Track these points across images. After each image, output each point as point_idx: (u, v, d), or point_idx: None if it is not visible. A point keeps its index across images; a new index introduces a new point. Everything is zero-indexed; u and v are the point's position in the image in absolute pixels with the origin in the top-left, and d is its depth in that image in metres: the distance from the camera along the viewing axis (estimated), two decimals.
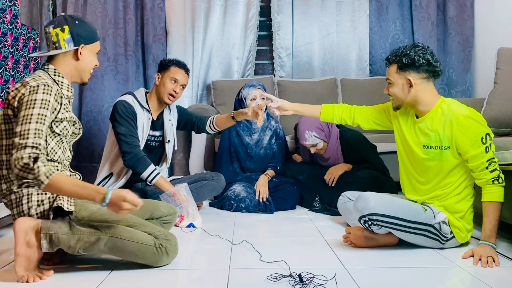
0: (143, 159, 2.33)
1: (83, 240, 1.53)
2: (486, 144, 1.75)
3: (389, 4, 3.85)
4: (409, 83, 1.82)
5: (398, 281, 1.53)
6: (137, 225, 1.65)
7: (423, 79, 1.82)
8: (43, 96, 1.53)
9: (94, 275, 1.57)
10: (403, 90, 1.84)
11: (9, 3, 2.99)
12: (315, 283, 1.46)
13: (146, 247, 1.58)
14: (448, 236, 1.85)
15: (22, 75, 3.17)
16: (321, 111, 2.17)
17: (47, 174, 1.44)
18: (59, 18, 1.69)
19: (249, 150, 2.95)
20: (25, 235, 1.50)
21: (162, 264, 1.64)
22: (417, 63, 1.79)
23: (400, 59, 1.81)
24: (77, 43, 1.68)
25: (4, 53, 2.93)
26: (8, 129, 1.60)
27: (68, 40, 1.67)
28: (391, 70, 1.87)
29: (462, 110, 1.81)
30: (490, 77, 2.94)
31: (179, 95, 2.51)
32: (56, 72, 1.68)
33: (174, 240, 1.67)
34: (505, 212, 1.95)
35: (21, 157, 1.43)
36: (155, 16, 3.76)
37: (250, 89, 2.89)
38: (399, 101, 1.89)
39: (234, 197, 2.72)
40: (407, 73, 1.82)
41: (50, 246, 1.51)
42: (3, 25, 2.92)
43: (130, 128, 2.35)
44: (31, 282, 1.49)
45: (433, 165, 1.86)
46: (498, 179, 1.75)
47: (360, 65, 3.91)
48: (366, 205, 1.81)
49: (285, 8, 3.90)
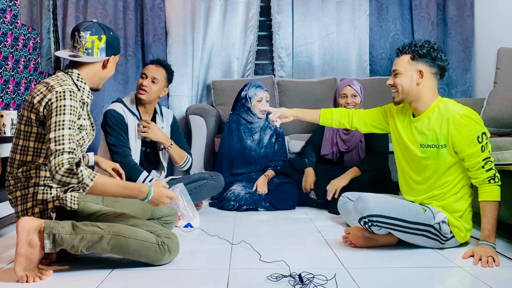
0: (135, 168, 2.37)
1: (86, 239, 1.53)
2: (482, 143, 1.75)
3: (389, 4, 3.85)
4: (421, 74, 1.83)
5: (398, 281, 1.53)
6: (139, 224, 1.67)
7: (432, 74, 1.85)
8: (71, 102, 1.56)
9: (94, 275, 1.57)
10: (411, 81, 1.84)
11: (9, 3, 2.99)
12: (315, 283, 1.46)
13: (148, 244, 1.59)
14: (448, 235, 1.85)
15: (22, 75, 3.17)
16: (320, 115, 2.21)
17: (91, 177, 1.50)
18: (94, 25, 1.72)
19: (252, 153, 2.95)
20: (27, 235, 1.50)
21: (164, 262, 1.65)
22: (432, 54, 1.82)
23: (415, 50, 1.83)
24: (108, 53, 1.72)
25: (4, 53, 2.93)
26: (27, 131, 1.61)
27: (101, 50, 1.71)
28: (402, 61, 1.87)
29: (458, 109, 1.81)
30: (490, 77, 2.94)
31: (151, 89, 2.43)
32: (80, 77, 1.70)
33: (176, 239, 1.68)
34: (505, 212, 1.95)
35: (61, 163, 1.47)
36: (155, 16, 3.76)
37: (257, 90, 2.89)
38: (403, 94, 1.87)
39: (234, 197, 2.72)
40: (420, 64, 1.83)
41: (53, 246, 1.51)
42: (3, 25, 2.92)
43: (120, 138, 2.37)
44: (30, 282, 1.49)
45: (430, 164, 1.86)
46: (494, 178, 1.75)
47: (360, 65, 3.91)
48: (366, 206, 1.81)
49: (285, 8, 3.90)
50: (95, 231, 1.55)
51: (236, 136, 2.95)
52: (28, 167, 1.61)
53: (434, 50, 1.83)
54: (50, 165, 1.48)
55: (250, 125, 2.97)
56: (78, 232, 1.53)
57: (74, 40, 1.71)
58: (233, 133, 2.96)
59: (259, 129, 2.98)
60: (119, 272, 1.60)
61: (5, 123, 2.49)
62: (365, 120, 2.15)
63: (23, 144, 1.62)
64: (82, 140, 1.68)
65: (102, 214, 1.68)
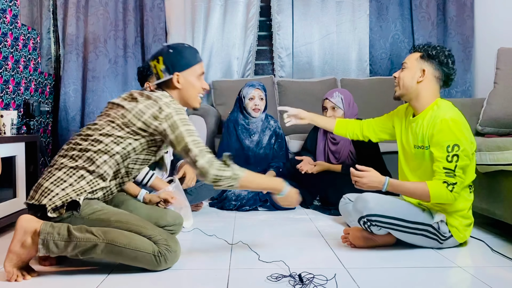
0: None
1: (79, 246, 1.51)
2: (451, 153, 1.72)
3: (389, 4, 3.86)
4: (423, 73, 1.86)
5: (398, 281, 1.53)
6: (139, 227, 1.60)
7: (434, 77, 1.87)
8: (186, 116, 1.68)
9: (94, 275, 1.57)
10: (413, 78, 1.88)
11: (9, 3, 2.99)
12: (315, 283, 1.46)
13: (143, 254, 1.55)
14: (447, 235, 1.85)
15: (22, 75, 3.17)
16: (335, 124, 2.26)
17: (240, 170, 1.64)
18: (158, 50, 1.76)
19: (250, 153, 2.95)
20: (23, 235, 1.50)
21: (160, 269, 1.60)
22: (441, 58, 1.85)
23: (427, 49, 1.87)
24: (171, 71, 1.72)
25: (4, 53, 2.93)
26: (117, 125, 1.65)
27: (164, 70, 1.73)
28: (412, 56, 1.91)
29: (445, 113, 1.80)
30: (490, 77, 2.94)
31: None
32: (172, 100, 1.73)
33: (175, 246, 1.62)
34: (505, 212, 1.96)
35: (211, 161, 1.60)
36: (155, 16, 3.76)
37: (249, 89, 2.91)
38: (403, 89, 1.91)
39: (234, 197, 2.72)
40: (426, 64, 1.87)
41: (46, 251, 1.51)
42: (3, 25, 2.92)
43: None
44: (13, 281, 1.49)
45: (421, 165, 1.88)
46: (450, 186, 1.72)
47: (360, 65, 3.91)
48: (365, 206, 1.81)
49: (285, 8, 3.90)
50: (89, 239, 1.52)
51: (234, 136, 2.96)
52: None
53: (445, 55, 1.85)
54: (199, 164, 1.59)
55: (248, 125, 2.97)
56: (72, 240, 1.51)
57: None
58: (231, 133, 2.96)
59: (258, 130, 2.98)
60: (119, 272, 1.60)
61: (5, 123, 2.49)
62: (374, 127, 2.18)
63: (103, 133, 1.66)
64: (158, 155, 1.78)
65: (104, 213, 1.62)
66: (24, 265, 1.54)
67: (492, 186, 2.05)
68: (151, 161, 1.77)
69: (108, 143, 1.63)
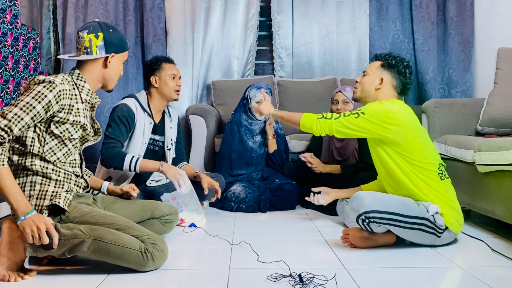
0: (118, 154, 2.23)
1: (66, 244, 1.51)
2: (347, 113, 1.97)
3: (389, 4, 3.85)
4: (381, 81, 2.00)
5: (398, 281, 1.53)
6: (125, 228, 1.59)
7: (391, 86, 2.01)
8: (41, 89, 1.54)
9: (94, 275, 1.57)
10: (372, 84, 2.02)
11: (9, 3, 2.99)
12: (315, 283, 1.46)
13: (130, 251, 1.53)
14: (443, 227, 1.86)
15: (22, 75, 3.17)
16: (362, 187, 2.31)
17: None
18: (93, 24, 1.72)
19: (253, 154, 2.95)
20: (11, 236, 1.50)
21: (147, 270, 1.59)
22: (399, 68, 1.99)
23: (387, 59, 2.02)
24: (108, 51, 1.71)
25: (4, 53, 2.93)
26: None
27: (100, 47, 1.70)
28: (373, 65, 2.06)
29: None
30: (490, 77, 2.93)
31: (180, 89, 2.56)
32: (80, 76, 1.70)
33: (163, 245, 1.60)
34: (505, 212, 1.96)
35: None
36: (155, 16, 3.76)
37: (257, 92, 2.90)
38: (362, 93, 2.06)
39: (234, 198, 2.72)
40: (385, 72, 2.01)
41: (34, 250, 1.51)
42: (3, 25, 2.92)
43: (117, 131, 2.29)
44: (11, 282, 1.48)
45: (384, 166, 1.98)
46: (322, 119, 2.00)
47: (360, 65, 3.91)
48: (361, 203, 1.82)
49: (285, 8, 3.90)
50: (76, 235, 1.52)
51: (237, 137, 2.96)
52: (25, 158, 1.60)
53: (403, 65, 1.99)
54: None
55: (251, 126, 2.97)
56: (59, 238, 1.50)
57: (76, 41, 1.72)
58: (234, 134, 2.96)
59: (261, 131, 2.99)
60: (119, 272, 1.60)
61: None
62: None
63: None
64: (67, 133, 1.63)
65: (92, 215, 1.62)
66: (19, 267, 1.53)
67: (492, 186, 2.05)
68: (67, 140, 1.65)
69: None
